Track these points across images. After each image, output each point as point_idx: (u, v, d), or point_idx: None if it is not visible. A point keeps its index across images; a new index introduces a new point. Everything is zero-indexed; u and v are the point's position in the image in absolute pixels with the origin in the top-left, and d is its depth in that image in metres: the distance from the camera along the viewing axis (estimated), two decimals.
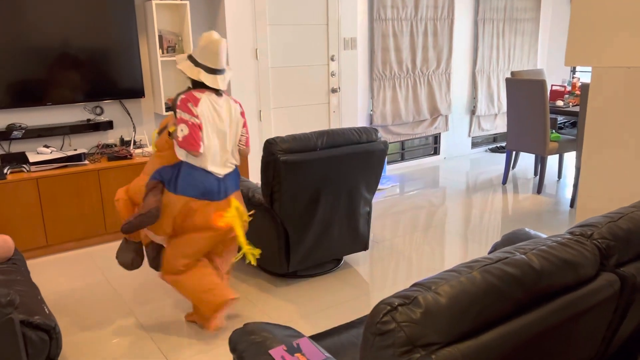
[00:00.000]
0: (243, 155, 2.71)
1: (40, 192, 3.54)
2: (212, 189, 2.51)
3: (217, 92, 2.55)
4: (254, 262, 2.68)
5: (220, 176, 2.54)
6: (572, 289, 1.19)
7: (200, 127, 2.44)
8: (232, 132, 2.60)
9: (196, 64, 2.53)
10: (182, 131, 2.40)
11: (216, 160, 2.53)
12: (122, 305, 2.99)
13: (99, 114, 4.11)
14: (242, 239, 2.60)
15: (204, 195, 2.49)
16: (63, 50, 3.79)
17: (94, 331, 2.72)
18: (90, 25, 3.85)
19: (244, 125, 2.68)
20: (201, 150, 2.44)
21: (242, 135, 2.67)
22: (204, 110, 2.48)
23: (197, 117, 2.43)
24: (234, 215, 2.56)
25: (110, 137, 4.21)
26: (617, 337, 1.37)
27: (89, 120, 4.04)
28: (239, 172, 2.69)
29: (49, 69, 3.76)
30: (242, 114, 2.66)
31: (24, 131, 3.72)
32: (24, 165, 3.63)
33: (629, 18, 2.32)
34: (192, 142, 2.41)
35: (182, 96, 2.47)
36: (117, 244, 3.88)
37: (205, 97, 2.50)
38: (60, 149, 3.95)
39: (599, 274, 1.27)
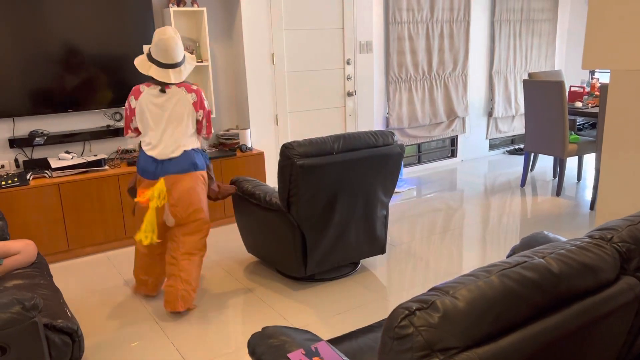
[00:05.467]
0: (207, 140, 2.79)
1: (61, 197, 3.61)
2: (147, 169, 2.81)
3: (164, 84, 2.76)
4: (145, 242, 2.79)
5: (158, 159, 2.79)
6: (591, 293, 1.18)
7: (131, 117, 2.82)
8: (178, 121, 2.79)
9: (150, 59, 2.76)
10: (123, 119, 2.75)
11: (154, 145, 2.79)
12: (141, 308, 3.02)
13: (119, 120, 4.17)
14: (148, 217, 2.78)
15: (142, 173, 2.85)
16: (83, 58, 3.86)
17: (115, 334, 2.76)
18: (110, 33, 3.91)
19: (203, 114, 2.85)
20: (127, 136, 2.89)
21: (198, 123, 2.87)
22: (143, 102, 2.77)
23: (130, 108, 2.81)
24: (151, 194, 2.76)
25: (130, 143, 4.27)
26: (638, 342, 1.36)
27: (108, 126, 4.10)
28: (192, 157, 2.83)
29: (69, 76, 3.83)
30: (195, 103, 2.82)
31: (45, 137, 3.79)
32: (46, 171, 3.70)
33: None
34: (124, 128, 2.90)
35: (134, 88, 2.82)
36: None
37: (147, 90, 2.78)
38: (81, 155, 4.02)
39: (619, 277, 1.26)
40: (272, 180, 4.74)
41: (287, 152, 2.84)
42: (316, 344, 1.50)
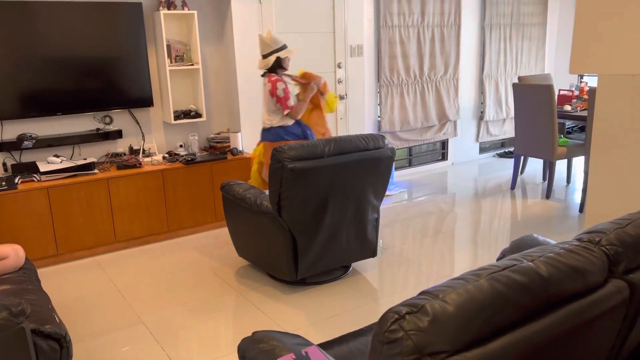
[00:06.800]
0: (291, 118, 3.67)
1: (50, 202, 3.58)
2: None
3: (264, 72, 3.69)
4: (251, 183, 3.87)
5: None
6: (580, 297, 1.19)
7: None
8: (264, 103, 3.68)
9: None
10: None
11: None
12: (131, 313, 3.00)
13: (108, 124, 4.15)
14: (252, 169, 3.85)
15: None
16: (73, 61, 3.84)
17: (104, 339, 2.74)
18: (100, 36, 3.89)
19: (276, 99, 3.58)
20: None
21: (275, 105, 3.64)
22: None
23: None
24: (255, 153, 3.82)
25: (120, 146, 4.24)
26: (627, 345, 1.37)
27: (98, 129, 4.08)
28: (270, 131, 3.68)
29: (58, 79, 3.81)
30: (270, 91, 3.58)
31: (34, 141, 3.76)
32: (35, 175, 3.67)
33: (633, 26, 2.32)
34: None
35: None
36: (126, 252, 3.90)
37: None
38: (70, 159, 3.99)
39: (607, 281, 1.26)
40: None
41: (278, 156, 2.84)
42: (307, 349, 1.49)
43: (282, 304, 3.05)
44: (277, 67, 3.65)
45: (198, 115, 4.36)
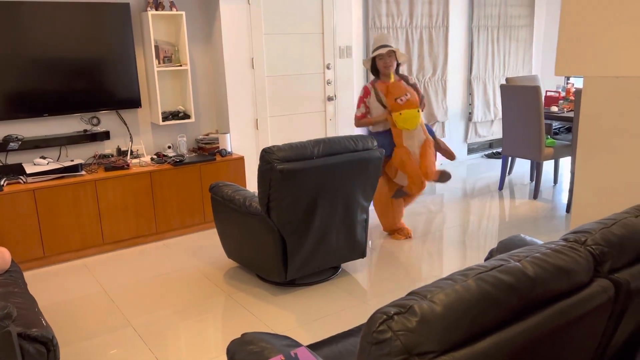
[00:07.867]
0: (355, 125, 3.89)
1: (37, 203, 3.54)
2: None
3: None
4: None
5: None
6: (566, 296, 1.20)
7: None
8: None
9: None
10: None
11: None
12: (119, 315, 2.98)
13: (96, 125, 4.12)
14: None
15: None
16: (60, 62, 3.80)
17: (92, 342, 2.72)
18: (87, 37, 3.86)
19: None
20: None
21: None
22: None
23: None
24: None
25: (107, 148, 4.21)
26: (612, 343, 1.38)
27: (85, 130, 4.05)
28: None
29: (45, 80, 3.77)
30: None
31: (20, 142, 3.72)
32: (21, 177, 3.63)
33: (616, 29, 2.35)
34: None
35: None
36: (114, 254, 3.88)
37: None
38: (57, 160, 3.95)
39: (593, 280, 1.28)
40: (252, 185, 4.72)
41: (267, 157, 2.84)
42: (296, 350, 1.49)
43: (271, 305, 3.04)
44: (375, 70, 3.83)
45: (186, 116, 4.34)
